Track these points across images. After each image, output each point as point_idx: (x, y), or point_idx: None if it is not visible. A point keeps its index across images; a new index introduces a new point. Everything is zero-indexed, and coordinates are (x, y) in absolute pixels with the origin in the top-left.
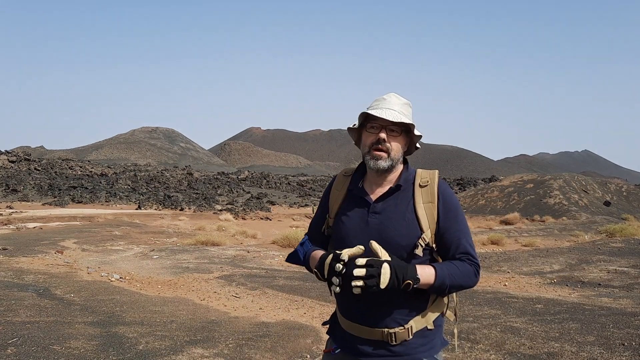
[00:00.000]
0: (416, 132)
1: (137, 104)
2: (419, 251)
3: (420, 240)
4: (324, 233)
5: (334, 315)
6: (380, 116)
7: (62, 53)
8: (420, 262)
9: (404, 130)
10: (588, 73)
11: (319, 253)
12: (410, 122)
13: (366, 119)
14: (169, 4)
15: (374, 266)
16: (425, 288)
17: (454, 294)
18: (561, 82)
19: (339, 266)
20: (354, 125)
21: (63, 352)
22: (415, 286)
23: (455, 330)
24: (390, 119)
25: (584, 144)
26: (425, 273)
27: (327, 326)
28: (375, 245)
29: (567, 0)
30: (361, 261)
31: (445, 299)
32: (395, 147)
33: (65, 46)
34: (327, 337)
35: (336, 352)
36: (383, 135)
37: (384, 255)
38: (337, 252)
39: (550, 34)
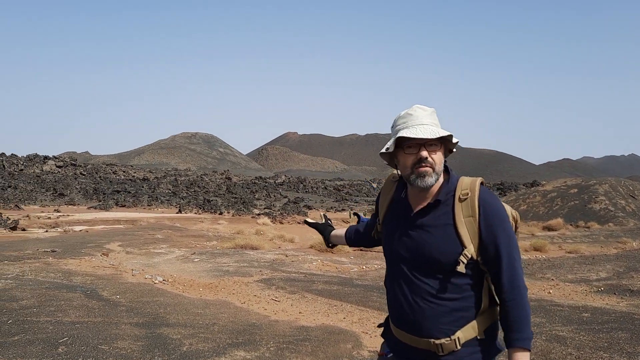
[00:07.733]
0: (453, 140)
1: (177, 110)
2: (461, 268)
3: (461, 257)
4: (374, 237)
5: (387, 319)
6: (418, 136)
7: (106, 62)
8: (465, 279)
9: (441, 141)
10: (635, 72)
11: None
12: (449, 133)
13: (400, 139)
14: (211, 11)
15: None
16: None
17: None
18: (607, 83)
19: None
20: (387, 149)
21: (111, 351)
22: None
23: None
24: (430, 137)
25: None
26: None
27: (382, 329)
28: None
29: None
30: None
31: (498, 308)
32: (438, 160)
33: (109, 55)
34: (370, 341)
35: (389, 356)
36: (425, 153)
37: None
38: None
39: (597, 30)
